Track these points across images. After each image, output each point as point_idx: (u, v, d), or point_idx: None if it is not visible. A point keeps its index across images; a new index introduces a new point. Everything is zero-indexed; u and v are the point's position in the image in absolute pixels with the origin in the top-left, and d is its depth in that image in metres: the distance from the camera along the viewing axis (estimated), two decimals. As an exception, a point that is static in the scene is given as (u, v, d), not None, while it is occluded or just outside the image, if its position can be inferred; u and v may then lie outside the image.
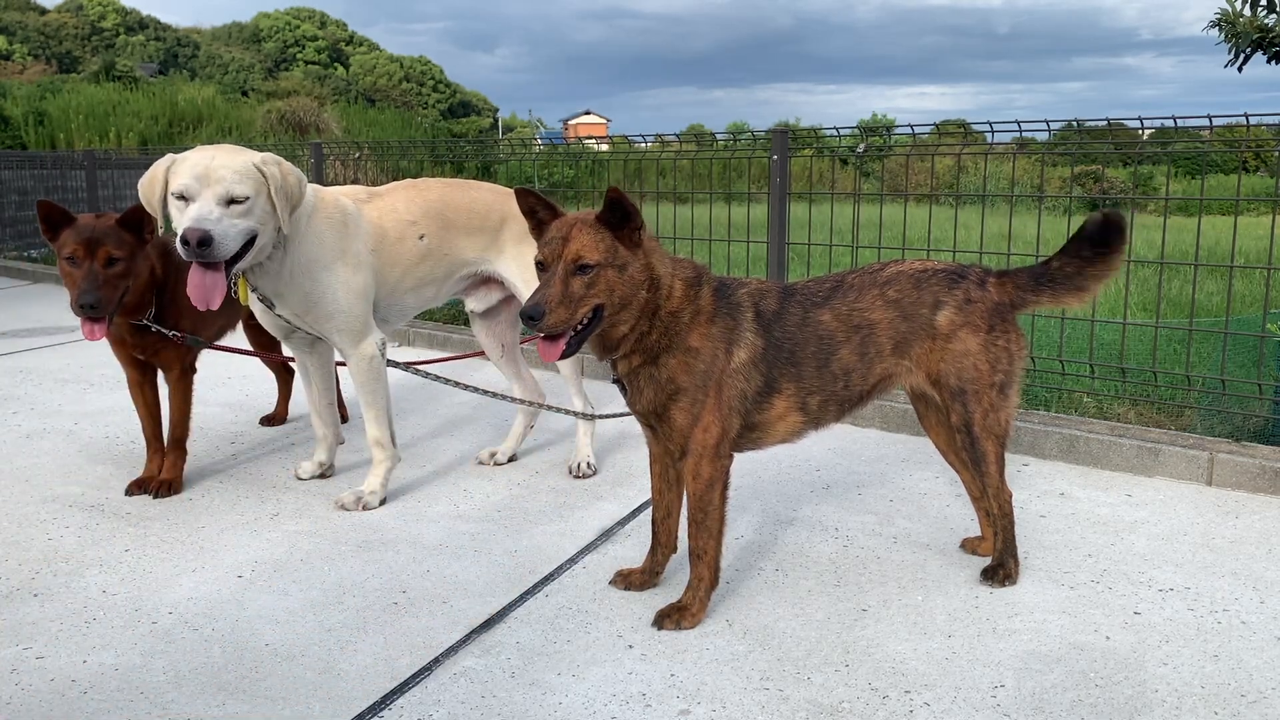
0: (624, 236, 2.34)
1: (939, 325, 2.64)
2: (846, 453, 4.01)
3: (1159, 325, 4.27)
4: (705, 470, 2.48)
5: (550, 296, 2.26)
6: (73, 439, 4.20)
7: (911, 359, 2.66)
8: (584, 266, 2.29)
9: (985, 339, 2.64)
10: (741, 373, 2.49)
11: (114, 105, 21.98)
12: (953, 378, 2.64)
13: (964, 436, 2.69)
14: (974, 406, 2.65)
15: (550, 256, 2.33)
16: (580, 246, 2.30)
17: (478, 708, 2.16)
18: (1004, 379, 2.66)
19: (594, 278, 2.30)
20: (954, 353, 2.63)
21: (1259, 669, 2.30)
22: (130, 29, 70.49)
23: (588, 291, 2.30)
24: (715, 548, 2.54)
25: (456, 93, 76.27)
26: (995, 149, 4.90)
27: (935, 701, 2.17)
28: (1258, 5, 4.06)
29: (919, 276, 2.66)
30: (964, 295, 2.65)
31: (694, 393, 2.44)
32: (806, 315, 2.58)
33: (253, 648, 2.43)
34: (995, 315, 2.66)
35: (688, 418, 2.45)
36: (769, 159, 4.96)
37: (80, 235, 3.16)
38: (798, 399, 2.58)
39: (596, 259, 2.30)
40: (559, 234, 2.34)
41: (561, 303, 2.27)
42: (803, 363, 2.56)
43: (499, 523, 3.26)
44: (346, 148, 8.72)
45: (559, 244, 2.32)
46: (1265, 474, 3.48)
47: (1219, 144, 4.79)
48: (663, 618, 2.52)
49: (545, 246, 2.35)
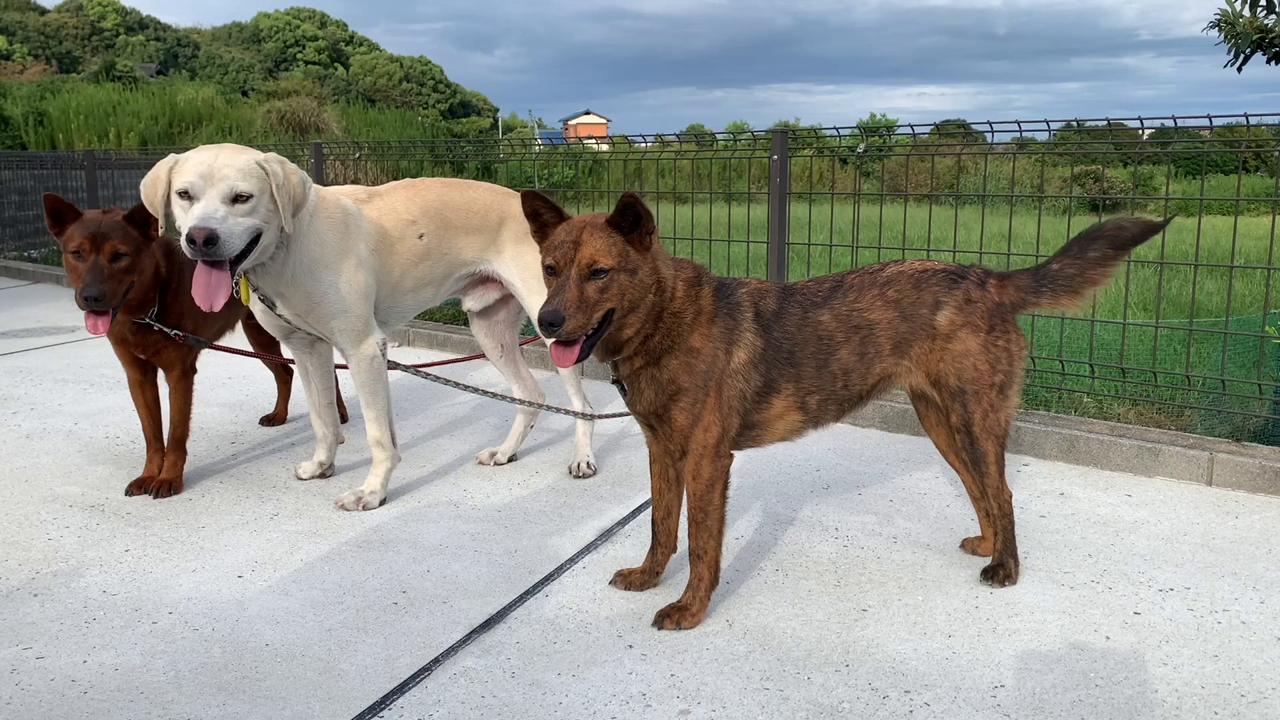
0: (635, 240, 2.32)
1: (939, 325, 2.63)
2: (846, 453, 4.01)
3: (1159, 325, 4.27)
4: (705, 470, 2.49)
5: (568, 301, 2.24)
6: (72, 439, 4.20)
7: (911, 359, 2.66)
8: (598, 271, 2.27)
9: (985, 339, 2.64)
10: (741, 373, 2.49)
11: (114, 105, 21.97)
12: (952, 378, 2.64)
13: (964, 437, 2.69)
14: (974, 407, 2.65)
15: (562, 261, 2.30)
16: (594, 251, 2.27)
17: (478, 708, 2.16)
18: (1004, 379, 2.66)
19: (608, 282, 2.28)
20: (954, 353, 2.63)
21: (1259, 669, 2.30)
22: (130, 29, 70.52)
23: (601, 296, 2.28)
24: (715, 547, 2.54)
25: (456, 93, 76.27)
26: (995, 149, 4.90)
27: (935, 702, 2.17)
28: (1257, 5, 4.06)
29: (919, 277, 2.66)
30: (964, 296, 2.65)
31: (695, 393, 2.44)
32: (806, 315, 2.58)
33: (253, 648, 2.43)
34: (995, 316, 2.66)
35: (688, 418, 2.45)
36: (769, 159, 4.96)
37: (86, 230, 3.16)
38: (797, 399, 2.59)
39: (610, 263, 2.28)
40: (569, 238, 2.31)
41: (579, 308, 2.25)
42: (802, 363, 2.57)
43: (499, 523, 3.26)
44: (346, 148, 8.72)
45: (570, 248, 2.29)
46: (1265, 474, 3.47)
47: (1219, 144, 4.79)
48: (663, 618, 2.52)
49: (556, 250, 2.31)
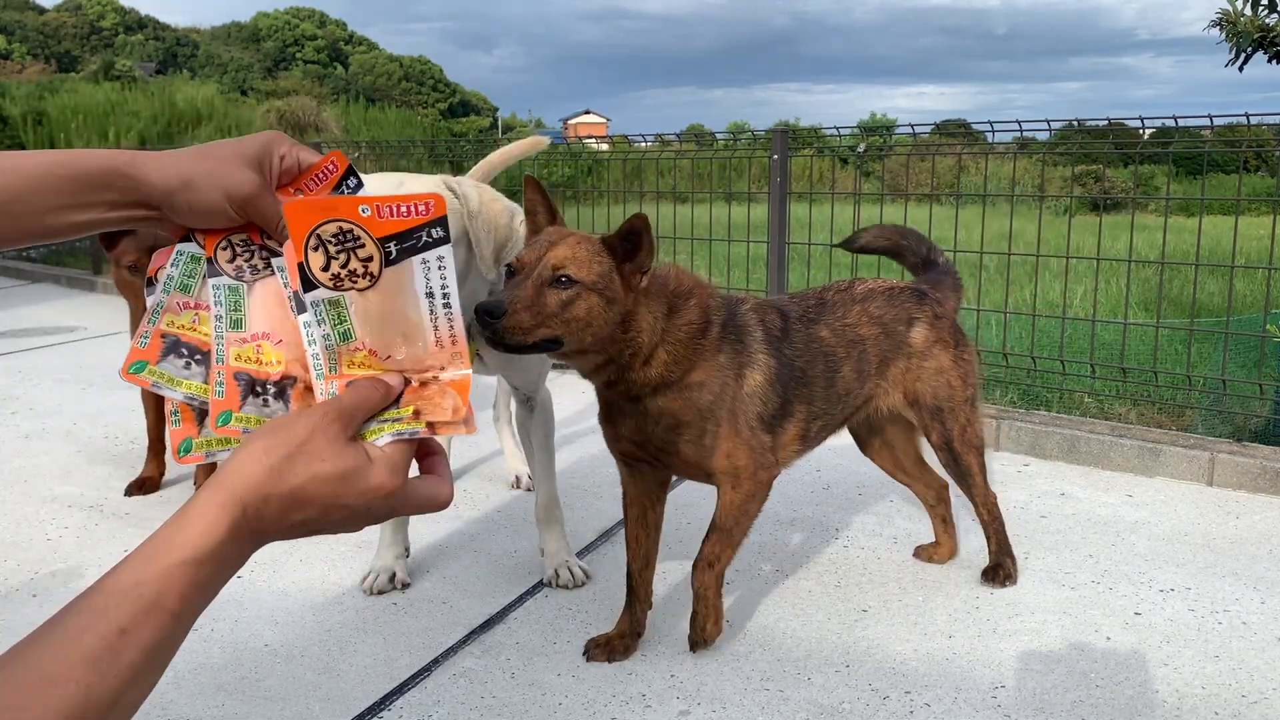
0: (625, 271, 2.01)
1: (914, 342, 2.59)
2: (847, 453, 4.00)
3: (1160, 325, 4.26)
4: (746, 484, 2.27)
5: (518, 296, 1.90)
6: (71, 439, 4.20)
7: (889, 379, 2.58)
8: (565, 279, 1.93)
9: (954, 354, 2.62)
10: (759, 395, 2.28)
11: (113, 105, 21.94)
12: (929, 396, 2.60)
13: (945, 454, 2.66)
14: (951, 423, 2.62)
15: (528, 259, 1.97)
16: (567, 256, 1.95)
17: (478, 708, 2.16)
18: (973, 392, 2.65)
19: (573, 296, 1.93)
20: (929, 370, 2.59)
21: (1260, 669, 2.29)
22: (129, 28, 70.50)
23: (561, 311, 1.93)
24: (730, 557, 2.33)
25: (456, 92, 76.24)
26: (996, 149, 4.90)
27: (936, 702, 2.17)
28: (1259, 5, 4.05)
29: (890, 293, 2.62)
30: (933, 312, 2.62)
31: (700, 425, 2.21)
32: (809, 331, 2.42)
33: (252, 648, 2.42)
34: (956, 330, 2.66)
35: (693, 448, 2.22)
36: (769, 159, 4.96)
37: (143, 244, 3.08)
38: (804, 424, 2.40)
39: (583, 276, 1.94)
40: (546, 238, 2.01)
41: (528, 307, 1.90)
42: (813, 381, 2.39)
43: (499, 523, 3.25)
44: (346, 147, 8.71)
45: (542, 247, 1.98)
46: (1266, 474, 3.47)
47: (1220, 144, 4.79)
48: (694, 644, 2.35)
49: (528, 249, 2.00)
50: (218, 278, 1.00)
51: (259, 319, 0.98)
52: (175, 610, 0.75)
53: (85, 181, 0.95)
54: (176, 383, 0.98)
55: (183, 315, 1.00)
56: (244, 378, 0.96)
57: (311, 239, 0.89)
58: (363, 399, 0.89)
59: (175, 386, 0.98)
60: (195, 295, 1.01)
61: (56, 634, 0.71)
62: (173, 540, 0.77)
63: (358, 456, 0.85)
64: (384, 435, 0.89)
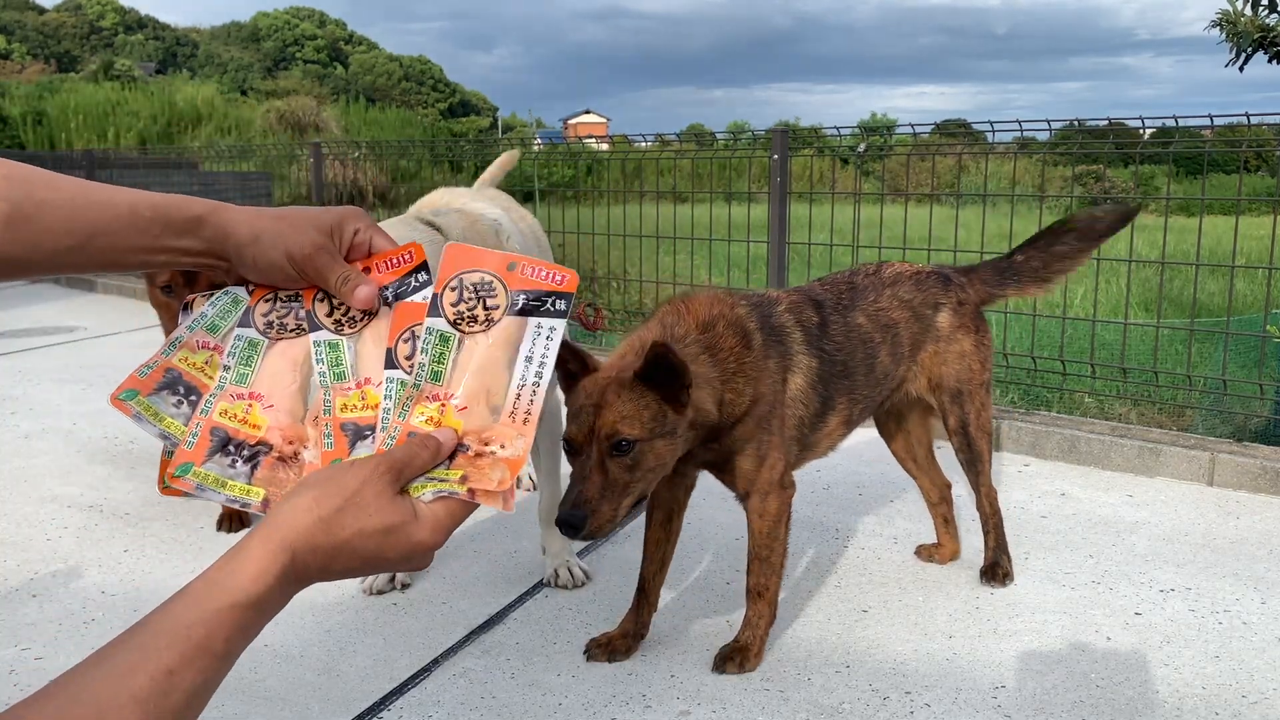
0: (671, 395, 1.90)
1: (940, 327, 2.62)
2: (847, 453, 4.00)
3: (1160, 325, 4.26)
4: (773, 506, 2.25)
5: (588, 494, 1.80)
6: (71, 439, 4.19)
7: (919, 362, 2.63)
8: (624, 444, 1.84)
9: (975, 339, 2.65)
10: (800, 399, 2.29)
11: (113, 105, 21.98)
12: (952, 380, 2.63)
13: (960, 439, 2.67)
14: (969, 407, 2.65)
15: (580, 434, 1.86)
16: (615, 418, 1.84)
17: (478, 708, 2.15)
18: (989, 377, 2.69)
19: (637, 456, 1.85)
20: (953, 354, 2.63)
21: (1260, 669, 2.29)
22: (129, 28, 70.52)
23: (631, 476, 1.85)
24: (777, 583, 2.30)
25: (456, 92, 76.25)
26: (996, 149, 4.89)
27: (936, 703, 2.16)
28: (1259, 5, 4.05)
29: (917, 277, 2.65)
30: (957, 297, 2.65)
31: (759, 435, 2.22)
32: (846, 320, 2.43)
33: (252, 648, 2.41)
34: (978, 314, 2.68)
35: (754, 461, 2.22)
36: (769, 158, 4.96)
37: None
38: (848, 411, 2.42)
39: (637, 433, 1.84)
40: (589, 400, 1.87)
41: (604, 497, 1.82)
42: (854, 372, 2.41)
43: (499, 523, 3.25)
44: (345, 147, 8.71)
45: (590, 413, 1.86)
46: (1266, 474, 3.47)
47: (1220, 144, 4.78)
48: (724, 660, 2.28)
49: (573, 423, 1.88)
50: (246, 328, 1.03)
51: (263, 378, 1.01)
52: (220, 653, 0.77)
53: (170, 226, 0.98)
54: (160, 418, 0.99)
55: (198, 354, 1.02)
56: (220, 433, 0.98)
57: (453, 280, 0.98)
58: (413, 455, 0.92)
59: (156, 421, 0.99)
60: (219, 338, 1.03)
61: (105, 669, 0.72)
62: (223, 584, 0.79)
63: (404, 512, 0.88)
64: (427, 491, 0.91)
